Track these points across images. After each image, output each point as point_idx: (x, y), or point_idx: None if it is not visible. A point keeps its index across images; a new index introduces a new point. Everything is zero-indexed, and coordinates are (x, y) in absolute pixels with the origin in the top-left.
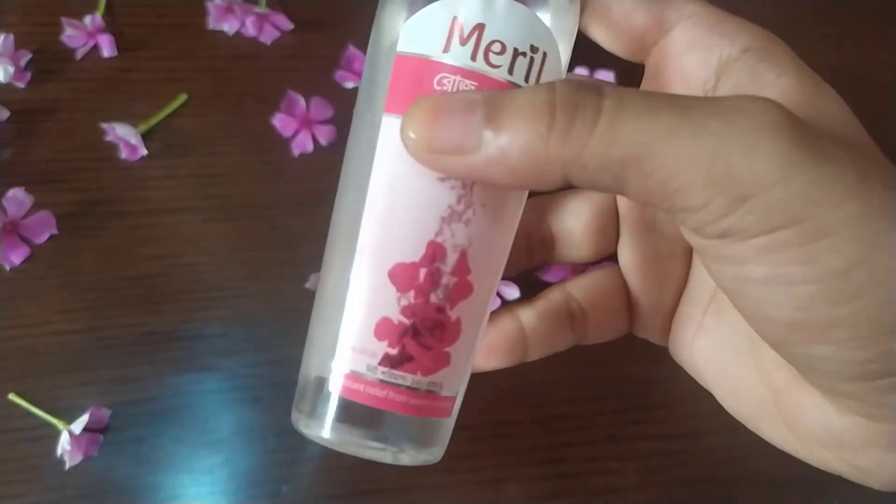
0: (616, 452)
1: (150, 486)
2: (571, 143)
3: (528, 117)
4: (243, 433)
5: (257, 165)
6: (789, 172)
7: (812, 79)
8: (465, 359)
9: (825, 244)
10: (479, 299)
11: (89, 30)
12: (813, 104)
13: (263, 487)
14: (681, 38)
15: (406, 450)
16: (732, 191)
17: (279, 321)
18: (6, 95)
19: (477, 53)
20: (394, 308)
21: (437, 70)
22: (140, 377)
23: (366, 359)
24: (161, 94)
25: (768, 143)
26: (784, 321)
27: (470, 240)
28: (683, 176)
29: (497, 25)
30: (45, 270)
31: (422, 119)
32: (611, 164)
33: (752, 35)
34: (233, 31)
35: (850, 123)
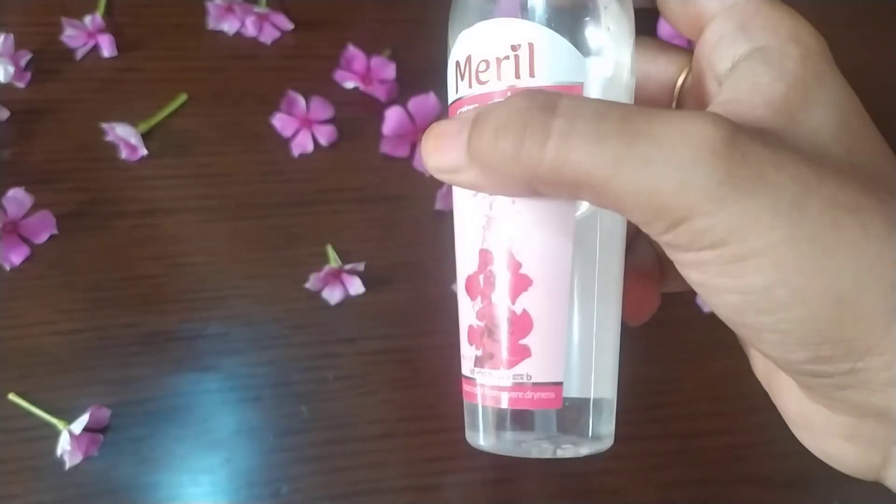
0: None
1: (150, 485)
2: (524, 164)
3: (489, 138)
4: (243, 433)
5: (257, 165)
6: (715, 206)
7: (806, 87)
8: (554, 344)
9: (746, 265)
10: (545, 287)
11: (89, 30)
12: (790, 113)
13: (263, 487)
14: (715, 31)
15: (558, 442)
16: (667, 217)
17: (279, 321)
18: (6, 95)
19: (472, 80)
20: (472, 315)
21: (456, 107)
22: (140, 377)
23: (468, 363)
24: (161, 94)
25: (700, 177)
26: (724, 319)
27: (511, 237)
28: (627, 202)
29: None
30: (45, 270)
31: (430, 145)
32: (565, 183)
33: (775, 33)
34: (233, 31)
35: (833, 134)
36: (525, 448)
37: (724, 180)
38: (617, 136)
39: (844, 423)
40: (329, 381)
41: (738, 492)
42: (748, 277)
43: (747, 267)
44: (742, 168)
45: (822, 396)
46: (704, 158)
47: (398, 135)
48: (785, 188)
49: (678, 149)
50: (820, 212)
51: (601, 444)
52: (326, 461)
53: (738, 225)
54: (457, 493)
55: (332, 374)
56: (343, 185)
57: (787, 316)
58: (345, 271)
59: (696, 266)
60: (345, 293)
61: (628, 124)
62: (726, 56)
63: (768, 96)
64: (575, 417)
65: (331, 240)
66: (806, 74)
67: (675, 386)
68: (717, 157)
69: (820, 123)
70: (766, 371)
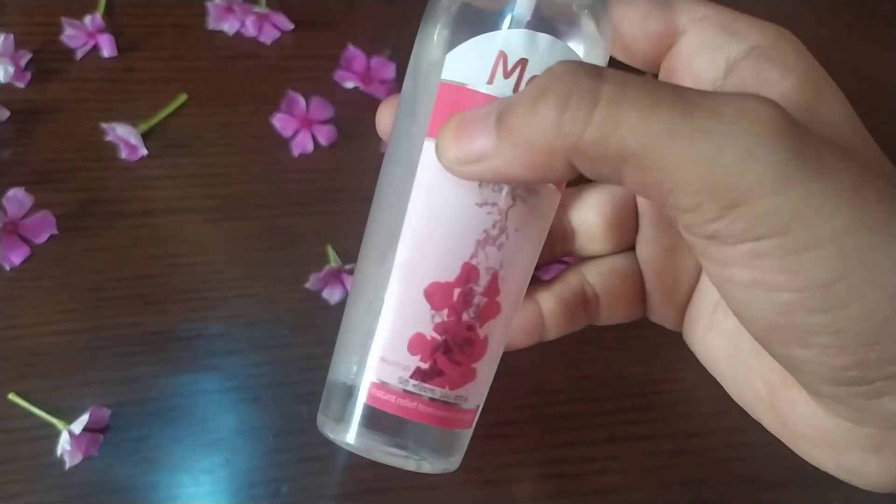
0: (616, 452)
1: (150, 485)
2: (568, 130)
3: (526, 109)
4: (243, 433)
5: (257, 165)
6: (781, 185)
7: (816, 80)
8: (489, 373)
9: (808, 256)
10: (504, 317)
11: (89, 30)
12: (814, 108)
13: (263, 487)
14: (693, 41)
15: (428, 458)
16: (723, 198)
17: (279, 321)
18: (6, 95)
19: (519, 86)
20: (427, 324)
21: (481, 100)
22: (140, 377)
23: (397, 371)
24: (161, 94)
25: (765, 153)
26: (765, 323)
27: (502, 262)
28: (679, 177)
29: (539, 61)
30: (45, 270)
31: (450, 134)
32: (609, 156)
33: (763, 33)
34: (233, 31)
35: (851, 128)
36: (394, 459)
37: (790, 158)
38: (672, 106)
39: (869, 434)
40: None
41: (737, 492)
42: (810, 271)
43: (810, 259)
44: (807, 149)
45: (851, 408)
46: (770, 133)
47: None
48: (844, 175)
49: (741, 122)
50: (876, 202)
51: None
52: (326, 461)
53: (803, 209)
54: (456, 493)
55: None
56: (343, 185)
57: (842, 314)
58: (345, 271)
59: (748, 261)
60: (345, 293)
61: (682, 96)
62: (716, 60)
63: (782, 91)
64: (462, 438)
65: (331, 240)
66: (808, 69)
67: (675, 386)
68: (781, 135)
69: (839, 118)
70: (767, 393)
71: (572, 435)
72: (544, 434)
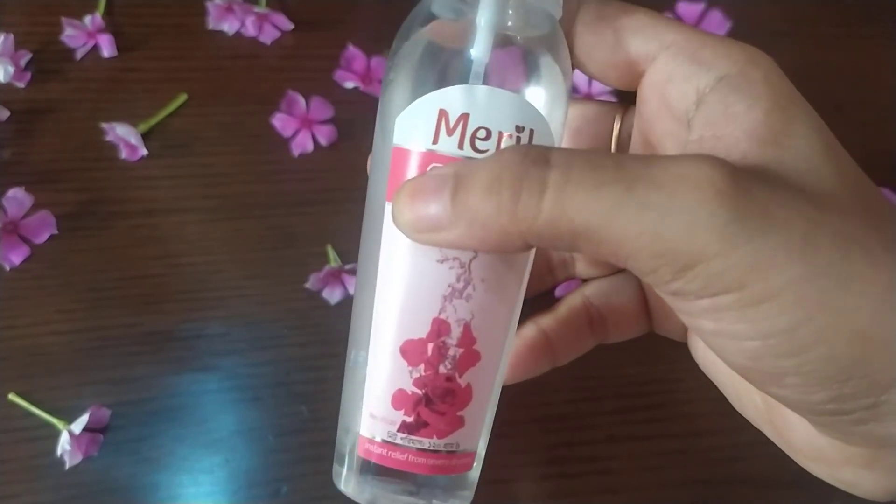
0: (616, 452)
1: (150, 485)
2: (521, 217)
3: (481, 193)
4: (243, 433)
5: (257, 165)
6: (728, 246)
7: (786, 108)
8: (481, 416)
9: (766, 307)
10: (488, 363)
11: (89, 30)
12: (780, 141)
13: (263, 487)
14: (662, 69)
15: (437, 499)
16: (675, 263)
17: (279, 321)
18: (6, 95)
19: (464, 142)
20: (407, 380)
21: (429, 160)
22: (140, 377)
23: (386, 426)
24: (161, 94)
25: (708, 218)
26: (739, 366)
27: (472, 313)
28: (630, 248)
29: (480, 113)
30: (45, 270)
31: (404, 201)
32: (563, 235)
33: (730, 60)
34: (233, 30)
35: (823, 156)
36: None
37: (732, 219)
38: (614, 183)
39: (861, 453)
40: (329, 381)
41: (738, 492)
42: (770, 320)
43: (768, 309)
44: (749, 206)
45: (839, 432)
46: (709, 198)
47: None
48: (794, 224)
49: (680, 191)
50: (830, 246)
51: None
52: (326, 461)
53: (755, 264)
54: None
55: (332, 374)
56: (343, 185)
57: (809, 357)
58: (345, 271)
59: (710, 313)
60: (345, 293)
61: (624, 171)
62: (687, 91)
63: (748, 126)
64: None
65: (331, 240)
66: (777, 96)
67: (675, 386)
68: (722, 197)
69: (808, 146)
70: (765, 409)
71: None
72: (544, 434)
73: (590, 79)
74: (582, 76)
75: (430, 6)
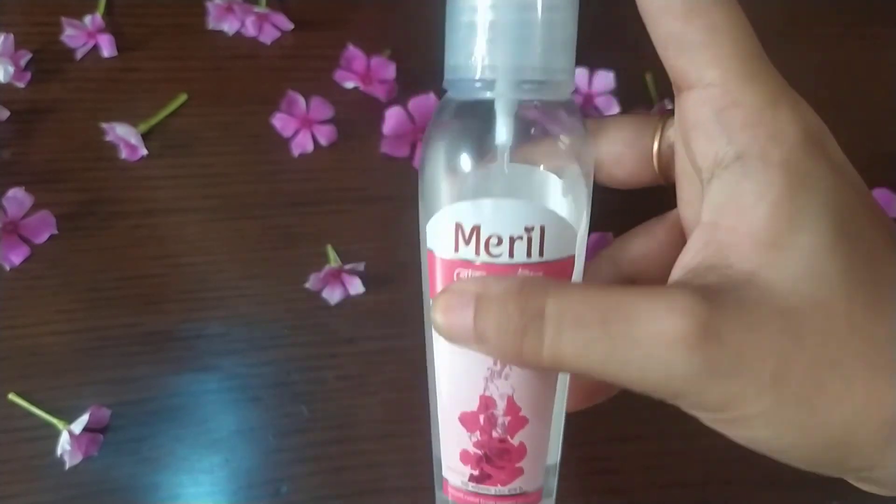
0: (616, 452)
1: (150, 485)
2: (528, 360)
3: (495, 331)
4: (243, 433)
5: (257, 165)
6: (702, 389)
7: (791, 200)
8: (540, 463)
9: (745, 423)
10: (536, 422)
11: (89, 30)
12: (777, 243)
13: (263, 487)
14: (693, 109)
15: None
16: (664, 394)
17: (279, 321)
18: (6, 95)
19: (479, 249)
20: (467, 443)
21: (454, 266)
22: (140, 377)
23: (459, 476)
24: (161, 94)
25: (682, 369)
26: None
27: (513, 388)
28: (623, 383)
29: (489, 224)
30: (45, 270)
31: (439, 315)
32: (566, 371)
33: (753, 134)
34: (233, 30)
35: (818, 258)
36: None
37: (701, 370)
38: (600, 340)
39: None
40: (329, 381)
41: (738, 492)
42: (748, 432)
43: (745, 425)
44: (719, 353)
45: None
46: (681, 353)
47: (398, 135)
48: (763, 366)
49: (655, 348)
50: (802, 379)
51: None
52: (326, 461)
53: (727, 400)
54: None
55: (332, 374)
56: (343, 185)
57: (790, 455)
58: (345, 271)
59: (705, 419)
60: (345, 293)
61: (606, 328)
62: (706, 152)
63: (752, 224)
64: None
65: (331, 240)
66: (790, 181)
67: None
68: (692, 350)
69: (811, 241)
70: None
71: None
72: None
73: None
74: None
75: (450, 95)
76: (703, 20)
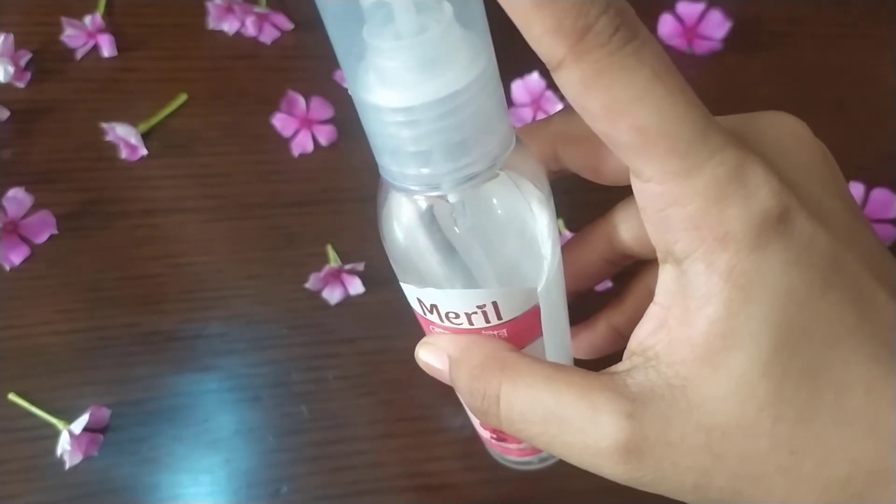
0: None
1: (150, 485)
2: (490, 420)
3: (464, 395)
4: (243, 433)
5: (257, 165)
6: (631, 485)
7: (732, 316)
8: None
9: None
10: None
11: (89, 30)
12: (712, 360)
13: (263, 487)
14: (639, 197)
15: None
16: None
17: (279, 321)
18: (6, 95)
19: (442, 318)
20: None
21: (427, 322)
22: (140, 377)
23: (486, 434)
24: (161, 94)
25: (610, 474)
26: None
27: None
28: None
29: (445, 303)
30: (45, 270)
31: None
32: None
33: (698, 239)
34: (233, 30)
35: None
36: None
37: (627, 480)
38: (541, 436)
39: None
40: (329, 381)
41: None
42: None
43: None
44: (640, 469)
45: None
46: (606, 464)
47: None
48: (683, 480)
49: (584, 454)
50: (721, 490)
51: None
52: (326, 461)
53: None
54: (456, 494)
55: (332, 374)
56: (343, 185)
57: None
58: (345, 271)
59: None
60: (345, 293)
61: (546, 426)
62: (657, 240)
63: (691, 336)
64: None
65: (331, 240)
66: (731, 298)
67: None
68: (615, 464)
69: (744, 363)
70: None
71: None
72: None
73: None
74: None
75: (391, 183)
76: (627, 121)
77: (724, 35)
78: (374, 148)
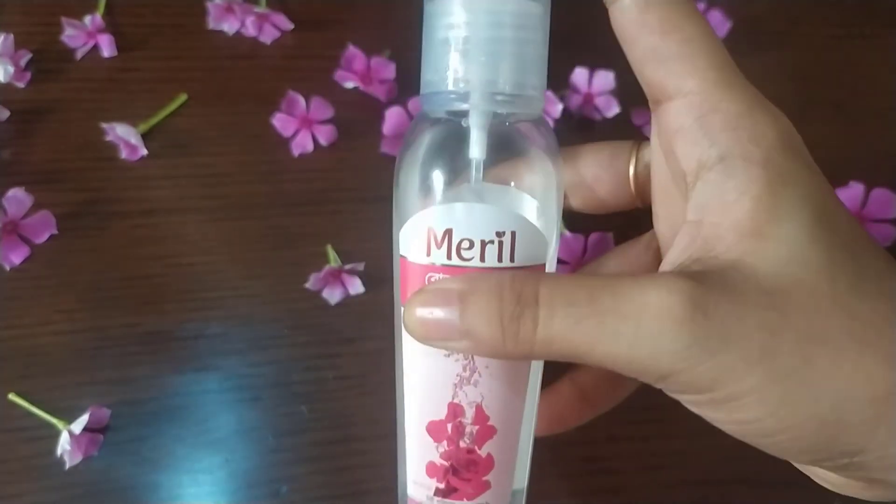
0: (616, 452)
1: (150, 485)
2: (521, 346)
3: (486, 323)
4: (243, 433)
5: (257, 165)
6: (691, 364)
7: (773, 194)
8: (507, 478)
9: (735, 404)
10: (505, 433)
11: (89, 30)
12: (760, 232)
13: (263, 487)
14: (675, 119)
15: None
16: (651, 376)
17: (279, 321)
18: (6, 95)
19: (451, 253)
20: (434, 454)
21: (426, 270)
22: (140, 377)
23: (424, 490)
24: (161, 94)
25: (670, 344)
26: (726, 432)
27: (482, 395)
28: (612, 365)
29: (461, 227)
30: (45, 270)
31: (414, 314)
32: (555, 355)
33: (735, 136)
34: (233, 30)
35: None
36: None
37: (690, 343)
38: (589, 318)
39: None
40: (329, 381)
41: (737, 492)
42: (738, 413)
43: (735, 405)
44: (705, 328)
45: (832, 470)
46: (668, 327)
47: (398, 135)
48: (751, 338)
49: (643, 321)
50: (790, 352)
51: None
52: (326, 461)
53: (717, 376)
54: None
55: (332, 374)
56: (343, 185)
57: (780, 438)
58: (345, 271)
59: (693, 405)
60: (345, 293)
61: (596, 305)
62: (690, 156)
63: (735, 217)
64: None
65: (331, 240)
66: (772, 177)
67: None
68: (679, 324)
69: (793, 230)
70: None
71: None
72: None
73: (590, 77)
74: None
75: (425, 110)
76: (678, 34)
77: (723, 35)
78: (425, 61)
